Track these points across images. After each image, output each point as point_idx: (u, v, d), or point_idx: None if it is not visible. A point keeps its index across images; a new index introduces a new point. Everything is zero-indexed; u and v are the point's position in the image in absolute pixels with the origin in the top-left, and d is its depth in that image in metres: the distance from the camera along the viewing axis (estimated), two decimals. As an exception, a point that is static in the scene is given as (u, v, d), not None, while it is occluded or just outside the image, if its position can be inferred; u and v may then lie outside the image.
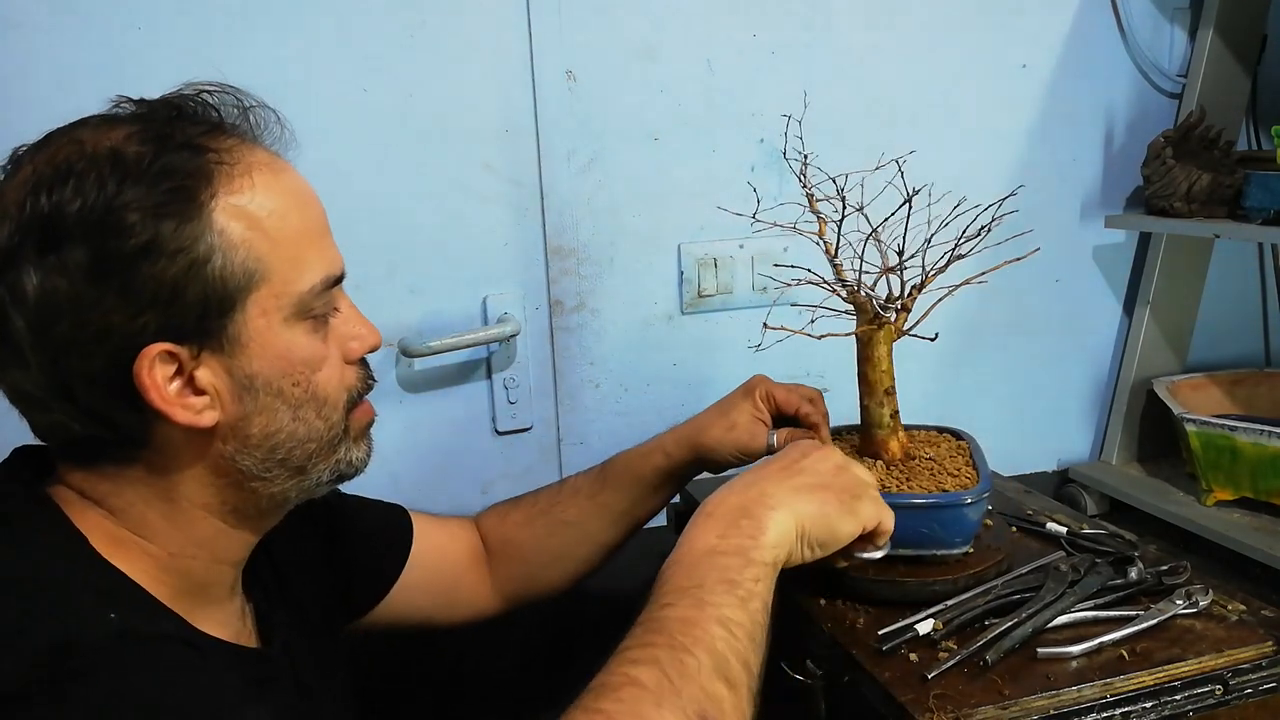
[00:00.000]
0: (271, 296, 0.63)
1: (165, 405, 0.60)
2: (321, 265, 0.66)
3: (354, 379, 0.70)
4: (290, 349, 0.64)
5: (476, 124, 1.16)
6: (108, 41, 1.03)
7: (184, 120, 0.64)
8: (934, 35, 1.29)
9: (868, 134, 1.26)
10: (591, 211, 1.22)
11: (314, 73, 1.09)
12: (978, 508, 0.85)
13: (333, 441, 0.69)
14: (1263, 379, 1.45)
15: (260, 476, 0.66)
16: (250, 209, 0.62)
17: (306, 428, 0.67)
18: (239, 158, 0.63)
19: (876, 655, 0.76)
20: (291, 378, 0.65)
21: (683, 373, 1.29)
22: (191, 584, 0.67)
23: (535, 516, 0.99)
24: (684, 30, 1.20)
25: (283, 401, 0.65)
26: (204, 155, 0.61)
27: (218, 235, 0.60)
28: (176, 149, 0.61)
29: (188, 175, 0.60)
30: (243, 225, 0.61)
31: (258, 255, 0.62)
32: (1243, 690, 0.75)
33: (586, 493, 0.98)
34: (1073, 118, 1.37)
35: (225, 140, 0.64)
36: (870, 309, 0.87)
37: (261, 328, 0.63)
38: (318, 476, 0.69)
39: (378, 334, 0.72)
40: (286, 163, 0.68)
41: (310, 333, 0.66)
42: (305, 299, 0.65)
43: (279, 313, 0.64)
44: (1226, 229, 1.25)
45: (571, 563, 1.00)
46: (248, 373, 0.63)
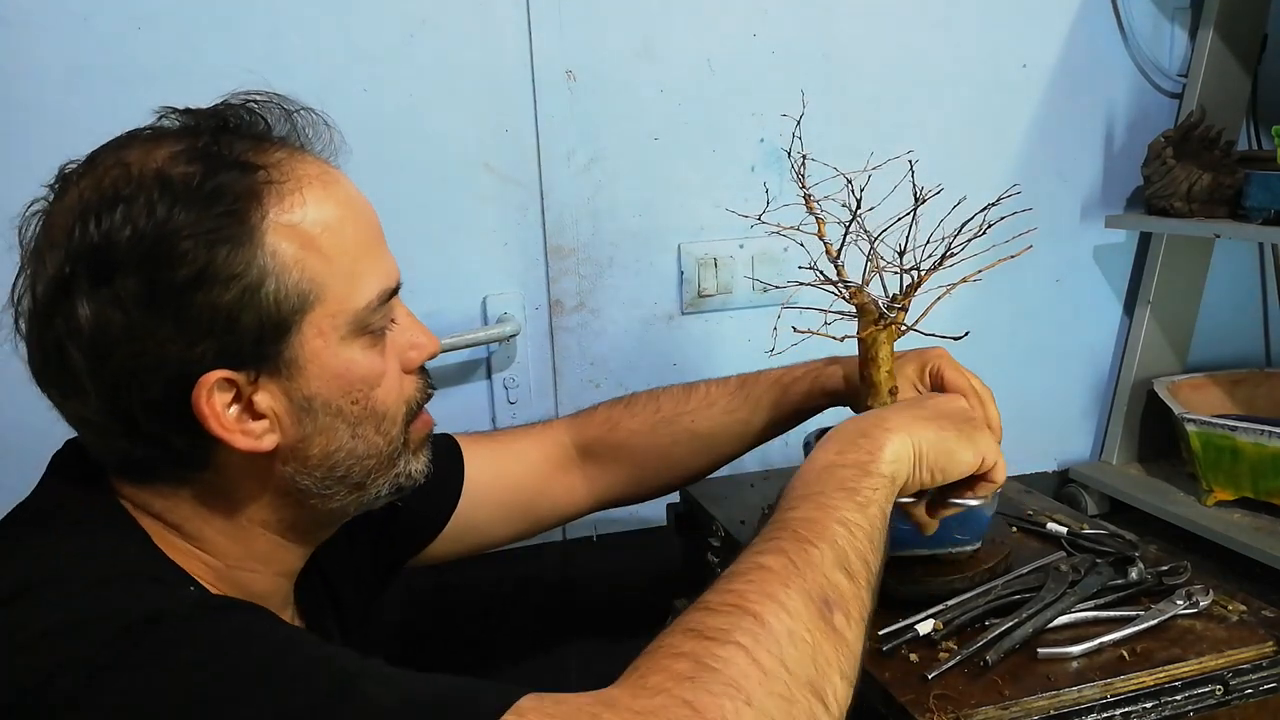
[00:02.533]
0: (327, 316, 0.62)
1: (225, 433, 0.59)
2: (377, 278, 0.65)
3: (413, 390, 0.69)
4: (349, 367, 0.63)
5: (476, 124, 1.16)
6: (108, 41, 1.03)
7: (230, 134, 0.62)
8: (934, 35, 1.29)
9: (867, 134, 1.26)
10: (591, 211, 1.22)
11: (314, 73, 1.09)
12: (993, 504, 0.85)
13: (392, 455, 0.68)
14: (1263, 379, 1.45)
15: (319, 494, 0.66)
16: (303, 227, 0.60)
17: (366, 444, 0.66)
18: (289, 172, 0.61)
19: (876, 655, 0.76)
20: (350, 396, 0.64)
21: (683, 373, 1.29)
22: (248, 595, 0.66)
23: (658, 425, 0.96)
24: (684, 30, 1.20)
25: (342, 420, 0.64)
26: (253, 173, 0.60)
27: (270, 258, 0.59)
28: (225, 168, 0.59)
29: (238, 197, 0.58)
30: (295, 245, 0.60)
31: (312, 275, 0.60)
32: (1243, 690, 0.75)
33: (723, 407, 0.96)
34: (1073, 118, 1.37)
35: (273, 154, 0.62)
36: (874, 310, 0.87)
37: (319, 348, 0.62)
38: (376, 491, 0.68)
39: (436, 341, 0.71)
40: (338, 171, 0.66)
41: (368, 348, 0.64)
42: (362, 315, 0.63)
43: (335, 332, 0.62)
44: (1227, 229, 1.25)
45: (686, 471, 0.98)
46: (306, 394, 0.62)
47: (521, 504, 0.95)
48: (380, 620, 0.91)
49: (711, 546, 1.05)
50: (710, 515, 1.05)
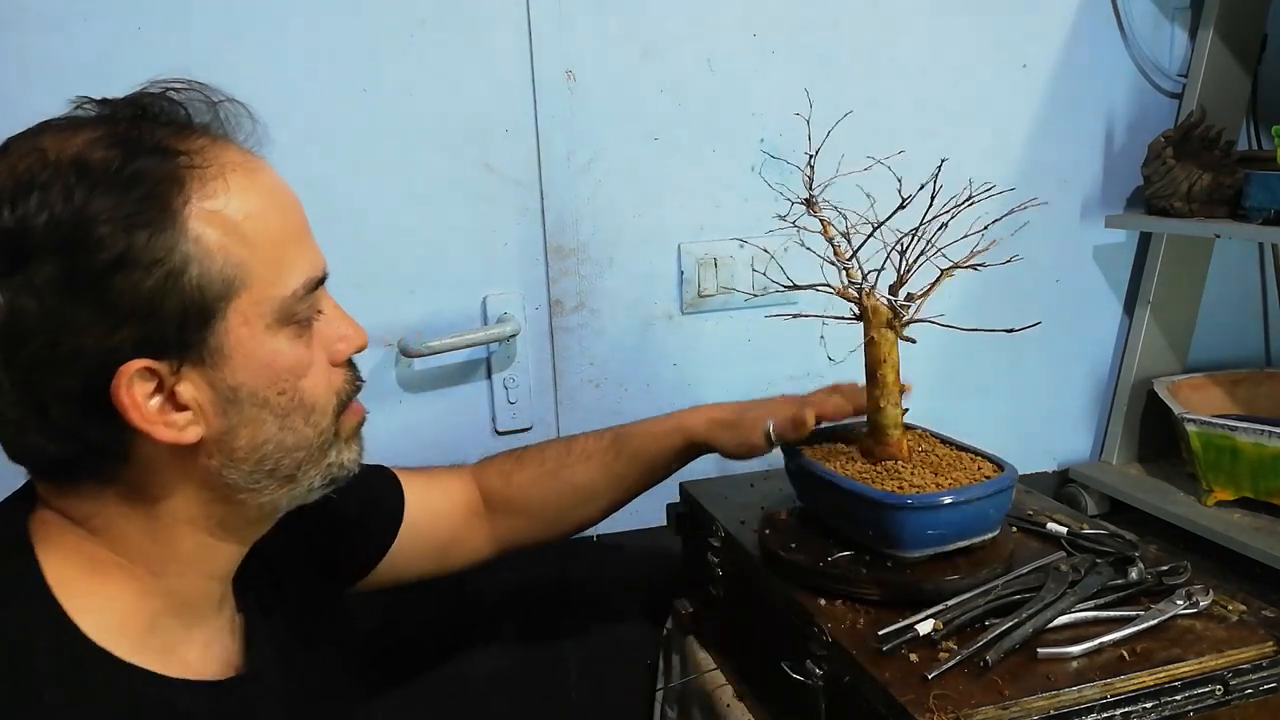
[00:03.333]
0: (253, 304, 0.61)
1: (146, 424, 0.58)
2: (303, 267, 0.64)
3: (341, 382, 0.68)
4: (275, 357, 0.62)
5: (476, 124, 1.16)
6: (108, 41, 1.03)
7: (151, 121, 0.61)
8: (934, 35, 1.29)
9: (867, 134, 1.26)
10: (591, 211, 1.22)
11: (314, 72, 1.09)
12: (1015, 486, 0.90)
13: (323, 447, 0.67)
14: (1263, 379, 1.45)
15: (248, 488, 0.64)
16: (226, 213, 0.59)
17: (295, 436, 0.65)
18: (211, 159, 0.60)
19: (876, 655, 0.76)
20: (277, 386, 0.63)
21: (683, 373, 1.29)
22: (177, 603, 0.65)
23: (543, 477, 0.99)
24: (684, 30, 1.20)
25: (269, 411, 0.63)
26: (175, 158, 0.59)
27: (193, 243, 0.58)
28: (146, 153, 0.58)
29: (159, 181, 0.57)
30: (219, 231, 0.59)
31: (236, 261, 0.60)
32: (1243, 690, 0.75)
33: (600, 461, 0.99)
34: (1073, 118, 1.37)
35: (195, 140, 0.61)
36: (885, 311, 0.87)
37: (244, 337, 0.61)
38: (309, 483, 0.67)
39: (364, 334, 0.70)
40: (261, 160, 0.65)
41: (294, 338, 0.64)
42: (288, 304, 0.62)
43: (261, 320, 0.61)
44: (1227, 229, 1.25)
45: (575, 521, 1.02)
46: (231, 385, 0.61)
47: (442, 542, 0.97)
48: (347, 623, 0.91)
49: (711, 546, 1.05)
50: (710, 515, 1.05)
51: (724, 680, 1.03)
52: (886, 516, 0.83)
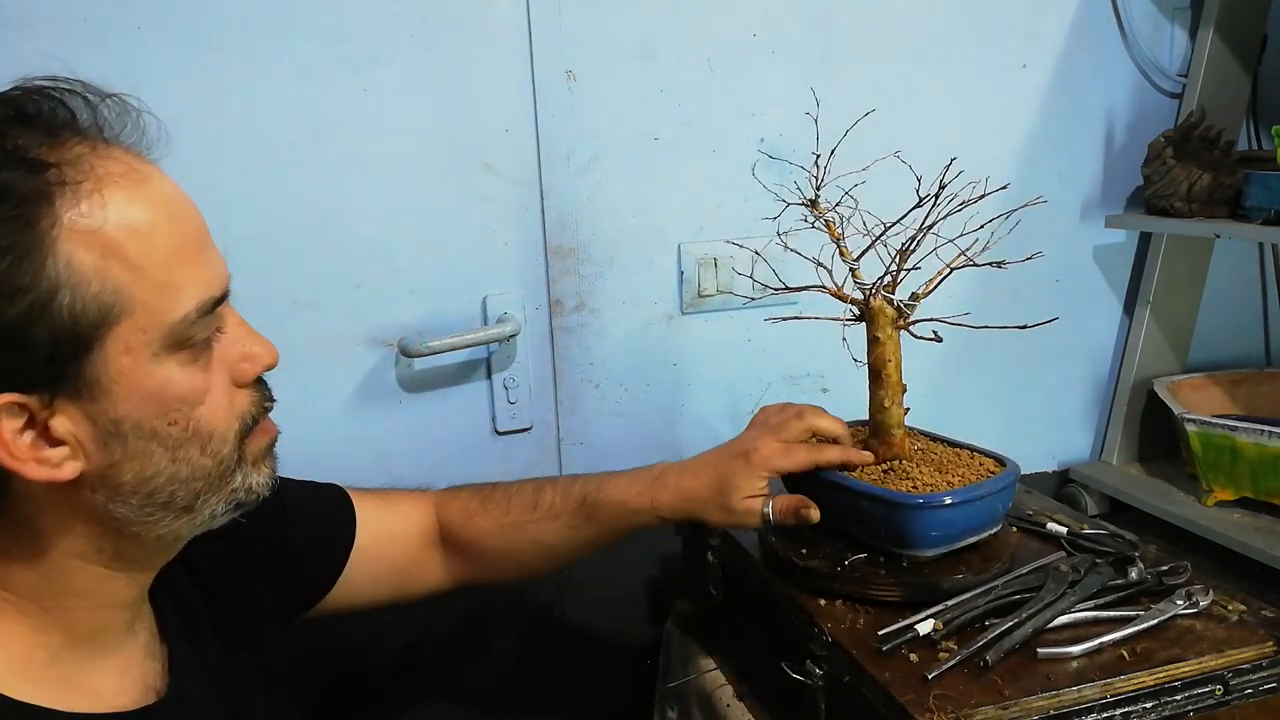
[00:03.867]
0: (136, 331, 0.55)
1: (15, 462, 0.54)
2: (197, 287, 0.58)
3: (246, 404, 0.63)
4: (164, 387, 0.57)
5: (476, 124, 1.16)
6: (108, 41, 1.03)
7: (20, 126, 0.55)
8: (934, 35, 1.29)
9: (867, 134, 1.26)
10: (591, 211, 1.22)
11: (314, 72, 1.09)
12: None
13: (224, 475, 0.62)
14: (1263, 379, 1.45)
15: (141, 520, 0.60)
16: (103, 232, 0.54)
17: (190, 468, 0.60)
18: (88, 170, 0.54)
19: (876, 655, 0.76)
20: (167, 417, 0.58)
21: (683, 373, 1.29)
22: (78, 636, 0.61)
23: (506, 529, 0.94)
24: (684, 30, 1.20)
25: (158, 444, 0.58)
26: (43, 172, 0.53)
27: (64, 267, 0.52)
28: (10, 166, 0.52)
29: (23, 199, 0.52)
30: (95, 253, 0.53)
31: (115, 286, 0.54)
32: (1243, 690, 0.75)
33: (566, 522, 0.94)
34: (1073, 118, 1.37)
35: (71, 148, 0.55)
36: (890, 311, 0.87)
37: (126, 367, 0.55)
38: (210, 511, 0.62)
39: (273, 351, 0.65)
40: (151, 167, 0.59)
41: (188, 363, 0.58)
42: (178, 329, 0.57)
43: (147, 348, 0.56)
44: (1227, 229, 1.25)
45: (534, 573, 0.98)
46: (113, 418, 0.56)
47: (398, 568, 0.93)
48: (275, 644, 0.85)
49: (711, 546, 1.05)
50: (710, 515, 1.05)
51: (724, 680, 1.03)
52: (907, 517, 0.83)
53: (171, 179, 0.60)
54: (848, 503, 0.88)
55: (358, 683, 1.25)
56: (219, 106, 1.06)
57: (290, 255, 1.12)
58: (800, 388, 1.34)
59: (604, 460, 1.27)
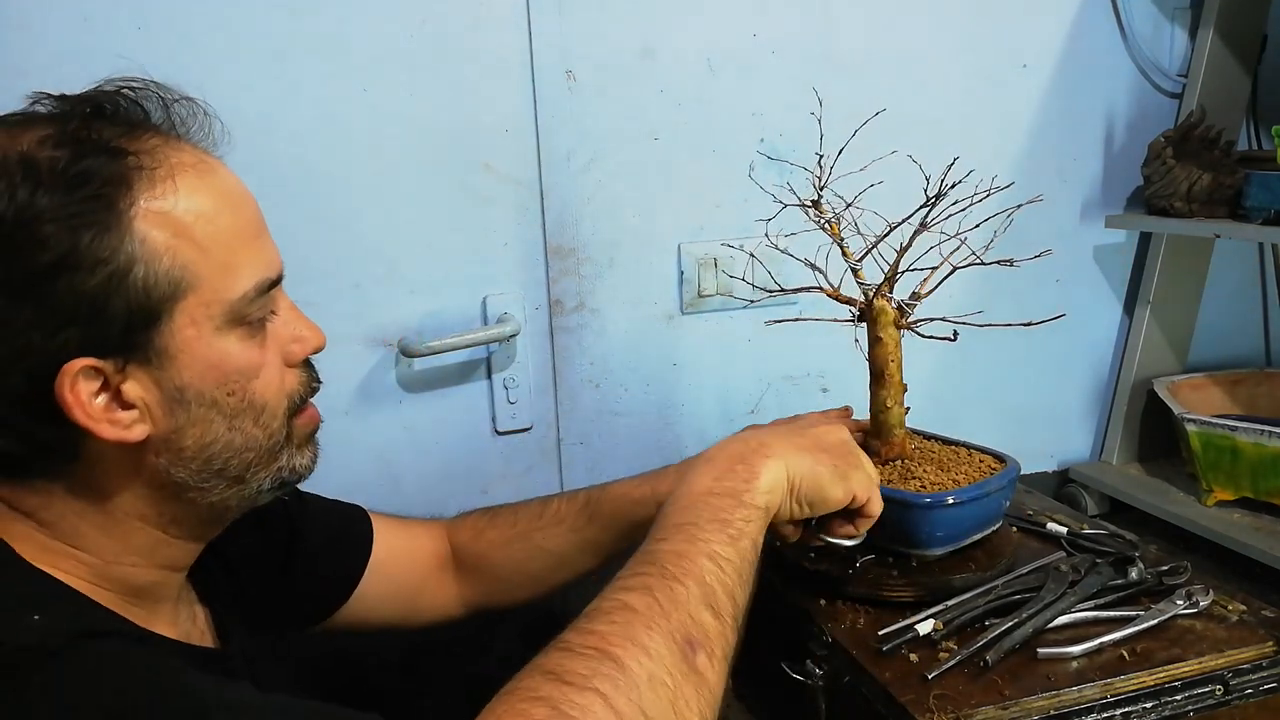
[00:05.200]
0: (201, 305, 0.60)
1: (90, 422, 0.58)
2: (255, 269, 0.63)
3: (295, 383, 0.68)
4: (224, 358, 0.62)
5: (476, 124, 1.16)
6: (108, 41, 1.03)
7: (102, 120, 0.60)
8: (934, 35, 1.29)
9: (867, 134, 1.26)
10: (591, 211, 1.22)
11: (314, 72, 1.09)
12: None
13: (273, 449, 0.66)
14: (1263, 379, 1.45)
15: (197, 487, 0.64)
16: (175, 214, 0.59)
17: (244, 437, 0.64)
18: (161, 159, 0.60)
19: (876, 655, 0.76)
20: (226, 387, 0.62)
21: (683, 373, 1.29)
22: (133, 589, 0.65)
23: (513, 539, 0.96)
24: (684, 30, 1.20)
25: (217, 412, 0.62)
26: (123, 158, 0.58)
27: (139, 244, 0.57)
28: (94, 153, 0.57)
29: (106, 181, 0.57)
30: (167, 232, 0.58)
31: (183, 263, 0.59)
32: (1243, 690, 0.75)
33: (571, 525, 0.95)
34: (1073, 118, 1.37)
35: (147, 140, 0.60)
36: (892, 311, 0.87)
37: (191, 338, 0.60)
38: (258, 485, 0.66)
39: (321, 335, 0.69)
40: (216, 161, 0.65)
41: (245, 339, 0.63)
42: (237, 306, 0.62)
43: (210, 322, 0.61)
44: (1227, 229, 1.25)
45: (544, 585, 0.98)
46: (178, 385, 0.60)
47: (411, 589, 0.94)
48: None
49: (711, 546, 1.04)
50: (710, 515, 1.05)
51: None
52: (918, 517, 0.83)
53: (233, 172, 0.65)
54: None
55: (358, 683, 1.25)
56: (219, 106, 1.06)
57: (290, 255, 1.11)
58: (800, 388, 1.34)
59: (604, 460, 1.27)
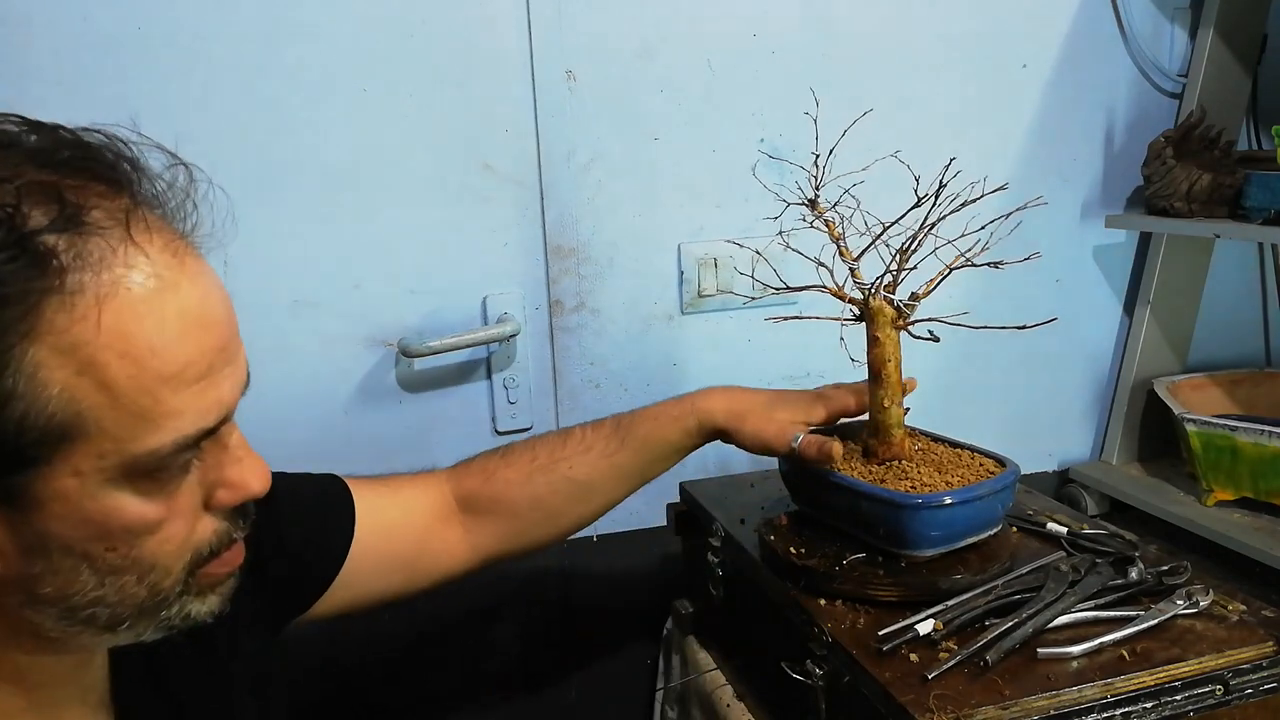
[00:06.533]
0: (91, 456, 0.48)
1: None
2: (184, 420, 0.50)
3: (209, 534, 0.56)
4: (108, 514, 0.50)
5: (476, 124, 1.16)
6: (108, 41, 1.03)
7: (53, 194, 0.47)
8: (934, 35, 1.29)
9: (867, 134, 1.26)
10: (591, 211, 1.22)
11: (313, 72, 1.09)
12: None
13: (158, 604, 0.54)
14: (1263, 379, 1.45)
15: (59, 630, 0.53)
16: (86, 350, 0.47)
17: (119, 594, 0.52)
18: (99, 273, 0.47)
19: (876, 655, 0.76)
20: (105, 543, 0.51)
21: (683, 373, 1.29)
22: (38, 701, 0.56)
23: (534, 473, 0.91)
24: (684, 30, 1.20)
25: (88, 566, 0.51)
26: (44, 271, 0.46)
27: (27, 380, 0.46)
28: (14, 249, 0.45)
29: (7, 300, 0.45)
30: (67, 370, 0.47)
31: (80, 409, 0.47)
32: (1243, 690, 0.75)
33: (600, 450, 0.91)
34: (1073, 118, 1.37)
35: (93, 238, 0.47)
36: (890, 311, 0.87)
37: (70, 489, 0.48)
38: (136, 633, 0.55)
39: (265, 478, 0.57)
40: (189, 271, 0.51)
41: (145, 494, 0.51)
42: (142, 460, 0.49)
43: (100, 474, 0.49)
44: (1227, 229, 1.25)
45: (568, 520, 0.93)
46: (40, 532, 0.49)
47: (406, 557, 0.88)
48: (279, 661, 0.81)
49: (711, 546, 1.05)
50: (710, 515, 1.05)
51: (724, 680, 1.03)
52: (906, 517, 0.83)
53: (210, 280, 0.53)
54: (848, 502, 0.88)
55: (358, 684, 1.25)
56: (219, 106, 1.06)
57: (291, 255, 1.12)
58: (800, 388, 1.33)
59: (604, 460, 1.27)
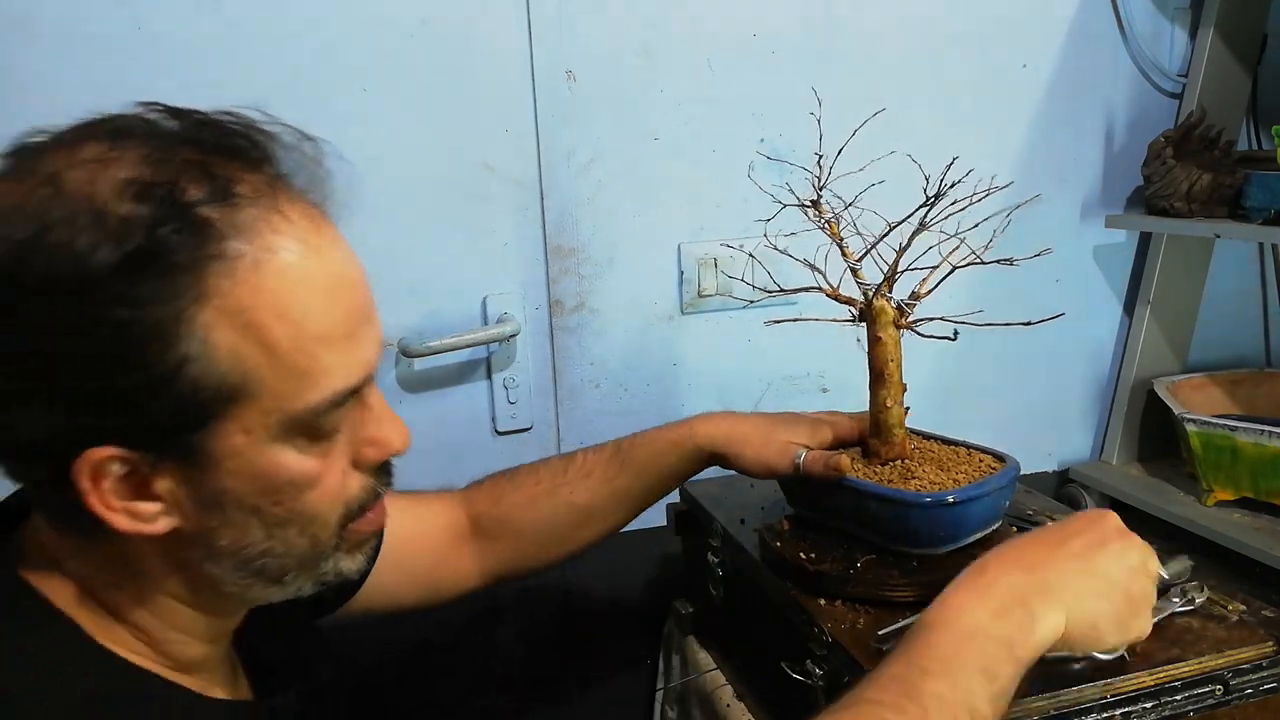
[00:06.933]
0: (258, 413, 0.53)
1: (106, 512, 0.52)
2: (336, 377, 0.55)
3: (357, 489, 0.60)
4: (274, 469, 0.55)
5: (476, 124, 1.16)
6: (108, 41, 1.03)
7: (199, 173, 0.51)
8: (934, 35, 1.29)
9: (867, 134, 1.26)
10: (591, 211, 1.22)
11: (313, 72, 1.09)
12: None
13: (317, 557, 0.60)
14: (1263, 379, 1.45)
15: (232, 583, 0.58)
16: (249, 313, 0.51)
17: (284, 545, 0.58)
18: (253, 239, 0.51)
19: (877, 655, 0.76)
20: (272, 497, 0.56)
21: (683, 373, 1.29)
22: (181, 665, 0.61)
23: (538, 497, 0.93)
24: (684, 30, 1.20)
25: (258, 519, 0.56)
26: (207, 237, 0.50)
27: (199, 342, 0.50)
28: (175, 220, 0.49)
29: (176, 266, 0.49)
30: (235, 333, 0.51)
31: (247, 368, 0.51)
32: (1243, 690, 0.75)
33: (601, 476, 0.93)
34: (1073, 118, 1.37)
35: (244, 209, 0.52)
36: (891, 311, 0.87)
37: (240, 445, 0.53)
38: (298, 587, 0.61)
39: (405, 438, 0.61)
40: (328, 234, 0.56)
41: (305, 448, 0.56)
42: (303, 417, 0.54)
43: (265, 431, 0.54)
44: (1227, 229, 1.25)
45: (572, 544, 0.95)
46: (215, 489, 0.54)
47: (426, 568, 0.91)
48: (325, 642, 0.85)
49: (711, 546, 1.05)
50: (710, 515, 1.05)
51: (724, 680, 1.03)
52: (919, 516, 0.83)
53: (346, 245, 0.57)
54: (855, 503, 0.87)
55: (358, 685, 1.25)
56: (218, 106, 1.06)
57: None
58: (800, 388, 1.34)
59: (604, 460, 1.27)
